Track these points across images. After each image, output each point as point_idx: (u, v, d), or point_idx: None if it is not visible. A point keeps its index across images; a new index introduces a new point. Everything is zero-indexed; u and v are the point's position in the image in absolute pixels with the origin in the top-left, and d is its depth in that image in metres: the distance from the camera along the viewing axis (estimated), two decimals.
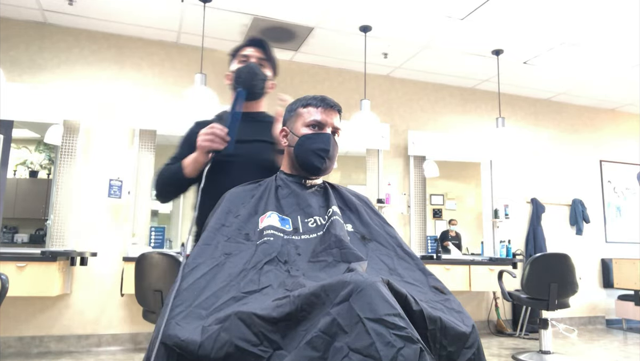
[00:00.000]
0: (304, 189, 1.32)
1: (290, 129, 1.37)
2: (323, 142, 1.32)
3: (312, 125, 1.34)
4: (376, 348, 0.78)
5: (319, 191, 1.35)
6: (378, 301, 0.83)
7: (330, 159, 1.33)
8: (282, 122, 1.44)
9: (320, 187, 1.37)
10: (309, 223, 1.22)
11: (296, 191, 1.30)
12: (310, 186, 1.35)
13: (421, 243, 5.11)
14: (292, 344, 0.86)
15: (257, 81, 1.65)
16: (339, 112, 1.39)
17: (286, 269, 1.08)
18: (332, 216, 1.22)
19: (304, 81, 5.01)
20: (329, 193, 1.34)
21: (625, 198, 6.19)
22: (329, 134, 1.34)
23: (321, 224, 1.22)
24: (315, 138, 1.32)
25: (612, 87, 5.49)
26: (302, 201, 1.27)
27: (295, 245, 1.16)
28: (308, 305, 0.88)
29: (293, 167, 1.37)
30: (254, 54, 1.69)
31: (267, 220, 1.20)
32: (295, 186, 1.32)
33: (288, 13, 3.97)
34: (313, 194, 1.32)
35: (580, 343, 4.66)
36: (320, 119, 1.34)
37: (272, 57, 1.73)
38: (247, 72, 1.64)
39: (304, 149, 1.32)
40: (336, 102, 1.40)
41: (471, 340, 1.00)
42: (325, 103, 1.36)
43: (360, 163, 5.11)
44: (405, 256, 1.24)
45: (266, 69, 1.70)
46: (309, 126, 1.34)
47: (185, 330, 0.91)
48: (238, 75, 1.65)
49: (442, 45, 4.53)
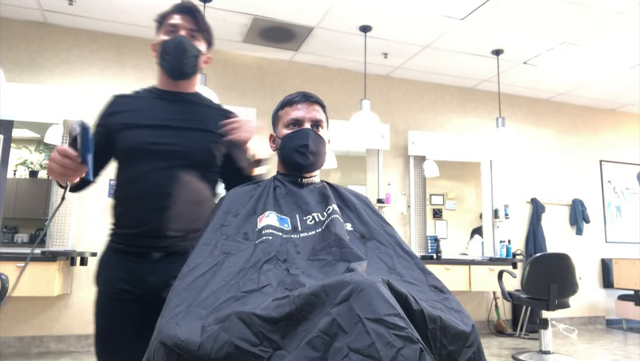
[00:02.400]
0: (300, 188, 1.32)
1: (276, 134, 1.39)
2: (301, 138, 1.31)
3: (291, 124, 1.34)
4: (376, 348, 0.78)
5: (316, 188, 1.35)
6: (378, 301, 0.83)
7: (314, 154, 1.31)
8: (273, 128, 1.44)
9: (317, 185, 1.37)
10: (307, 220, 1.22)
11: (293, 190, 1.31)
12: (307, 184, 1.35)
13: (421, 242, 5.11)
14: (292, 344, 0.86)
15: (187, 59, 1.41)
16: (318, 104, 1.37)
17: (285, 267, 1.08)
18: (332, 214, 1.22)
19: (304, 81, 5.01)
20: (326, 190, 1.34)
21: (625, 198, 6.19)
22: (306, 129, 1.32)
23: (319, 221, 1.22)
24: (294, 136, 1.32)
25: (612, 87, 5.49)
26: (299, 200, 1.28)
27: (294, 243, 1.16)
28: (308, 304, 0.88)
29: (285, 170, 1.38)
30: (183, 24, 1.42)
31: (266, 220, 1.20)
32: (291, 185, 1.32)
33: (288, 13, 3.97)
34: (310, 192, 1.32)
35: (580, 343, 4.66)
36: (298, 116, 1.33)
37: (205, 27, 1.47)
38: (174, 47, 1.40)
39: (286, 149, 1.32)
40: (314, 94, 1.37)
41: (471, 339, 1.00)
42: (301, 98, 1.35)
43: (360, 163, 5.11)
44: (405, 255, 1.24)
45: (198, 41, 1.44)
46: (288, 125, 1.34)
47: (185, 329, 0.91)
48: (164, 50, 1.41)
49: (442, 45, 4.53)
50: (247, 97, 4.72)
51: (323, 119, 1.37)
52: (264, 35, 4.40)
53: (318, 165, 1.35)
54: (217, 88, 4.39)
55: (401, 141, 5.23)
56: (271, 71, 4.91)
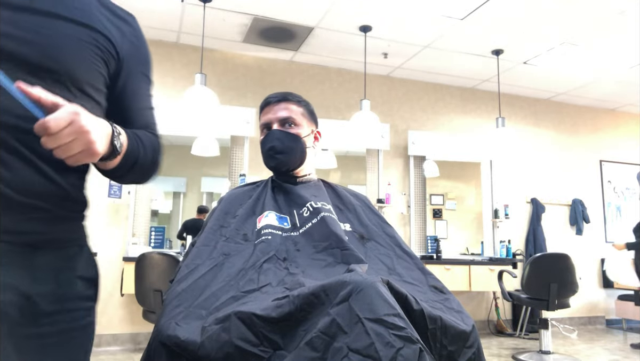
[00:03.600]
0: (295, 185, 1.33)
1: None
2: (267, 141, 1.32)
3: (264, 129, 1.36)
4: (375, 348, 0.78)
5: (310, 184, 1.36)
6: (377, 301, 0.83)
7: (282, 152, 1.30)
8: None
9: (312, 182, 1.38)
10: (304, 212, 1.23)
11: (288, 188, 1.32)
12: (301, 182, 1.36)
13: (421, 243, 5.11)
14: (292, 344, 0.86)
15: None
16: (287, 100, 1.35)
17: (285, 266, 1.08)
18: (322, 211, 1.22)
19: (304, 81, 5.01)
20: (320, 186, 1.36)
21: (625, 198, 6.19)
22: (271, 131, 1.33)
23: (314, 209, 1.22)
24: (263, 142, 1.34)
25: (612, 87, 5.49)
26: (294, 195, 1.29)
27: (294, 241, 1.16)
28: (308, 304, 0.88)
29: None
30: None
31: (265, 220, 1.21)
32: (287, 185, 1.34)
33: (288, 13, 3.97)
34: (305, 187, 1.33)
35: (580, 343, 4.65)
36: (266, 120, 1.35)
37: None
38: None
39: (262, 155, 1.35)
40: (280, 92, 1.37)
41: (471, 339, 1.00)
42: (266, 101, 1.37)
43: (360, 163, 5.11)
44: (404, 255, 1.24)
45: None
46: (262, 131, 1.36)
47: (185, 330, 0.91)
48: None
49: (442, 45, 4.53)
50: (247, 97, 4.72)
51: (294, 114, 1.33)
52: (264, 35, 4.40)
53: (292, 161, 1.32)
54: (217, 88, 4.39)
55: (401, 141, 5.23)
56: (271, 71, 4.91)
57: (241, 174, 4.43)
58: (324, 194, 1.31)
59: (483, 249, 5.27)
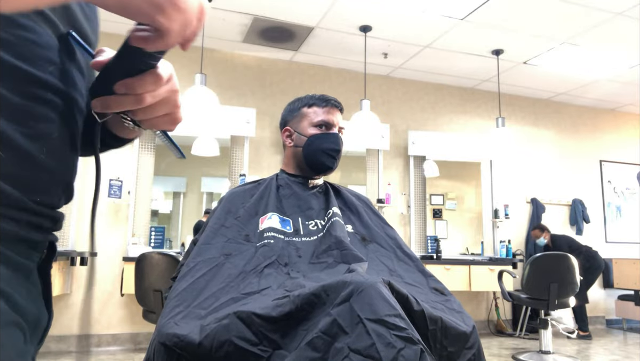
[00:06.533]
0: (305, 190, 1.33)
1: (295, 129, 1.37)
2: (333, 142, 1.33)
3: (320, 125, 1.35)
4: (376, 348, 0.78)
5: (320, 193, 1.36)
6: (378, 301, 0.83)
7: (338, 158, 1.36)
8: (282, 122, 1.43)
9: (321, 188, 1.38)
10: (310, 225, 1.23)
11: (298, 193, 1.31)
12: (313, 187, 1.35)
13: (421, 242, 5.11)
14: (292, 344, 0.86)
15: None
16: (341, 111, 1.40)
17: (286, 271, 1.08)
18: (333, 217, 1.23)
19: (304, 80, 5.01)
20: (329, 193, 1.35)
21: (625, 198, 6.19)
22: (337, 134, 1.36)
23: (322, 227, 1.22)
24: (325, 138, 1.33)
25: (612, 87, 5.49)
26: (303, 203, 1.28)
27: (295, 247, 1.16)
28: (308, 304, 0.88)
29: (298, 168, 1.37)
30: None
31: (268, 222, 1.20)
32: (297, 187, 1.33)
33: (288, 13, 3.97)
34: (314, 196, 1.32)
35: (580, 343, 4.65)
36: (328, 119, 1.35)
37: None
38: None
39: (313, 148, 1.33)
40: (337, 100, 1.41)
41: (472, 340, 1.00)
42: (330, 103, 1.37)
43: (360, 163, 5.11)
44: (405, 257, 1.24)
45: None
46: (316, 126, 1.35)
47: (184, 329, 0.91)
48: None
49: (442, 45, 4.53)
50: (247, 97, 4.72)
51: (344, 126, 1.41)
52: (264, 35, 4.40)
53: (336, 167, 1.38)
54: (217, 88, 4.39)
55: (401, 141, 5.23)
56: (271, 71, 4.91)
57: (241, 174, 4.43)
58: (332, 201, 1.31)
59: (483, 249, 5.26)
